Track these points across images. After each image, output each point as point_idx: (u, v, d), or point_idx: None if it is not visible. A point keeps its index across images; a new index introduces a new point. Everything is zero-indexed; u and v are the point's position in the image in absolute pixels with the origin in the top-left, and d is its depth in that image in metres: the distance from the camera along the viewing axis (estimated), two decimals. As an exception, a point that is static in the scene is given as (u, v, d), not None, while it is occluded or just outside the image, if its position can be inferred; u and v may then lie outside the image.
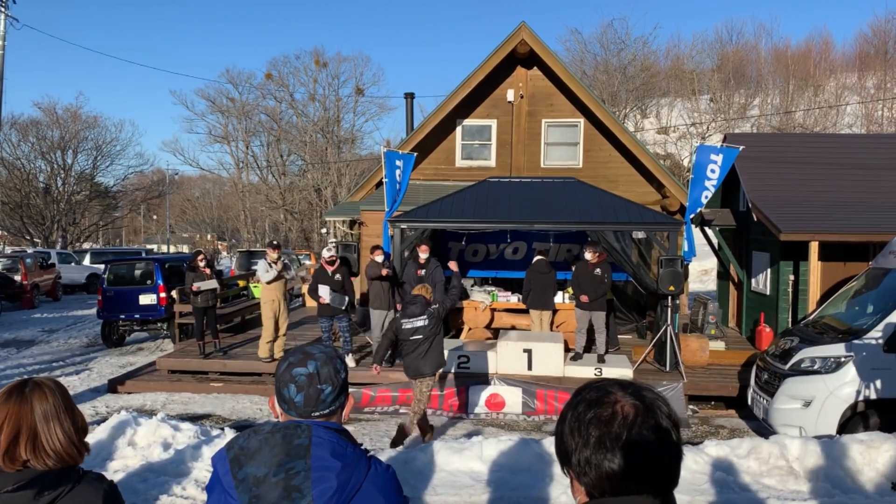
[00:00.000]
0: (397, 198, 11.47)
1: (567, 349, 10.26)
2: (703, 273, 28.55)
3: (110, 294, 13.99)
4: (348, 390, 1.80)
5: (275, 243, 10.85)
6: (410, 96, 20.72)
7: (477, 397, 9.15)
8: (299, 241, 47.71)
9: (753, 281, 12.81)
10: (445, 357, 7.63)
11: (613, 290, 11.46)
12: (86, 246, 45.63)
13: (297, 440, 1.60)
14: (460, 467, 5.85)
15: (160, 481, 5.63)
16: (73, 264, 26.64)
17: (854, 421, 6.97)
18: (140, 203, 55.51)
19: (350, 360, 10.13)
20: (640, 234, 10.34)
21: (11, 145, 42.34)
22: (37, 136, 43.40)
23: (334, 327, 10.19)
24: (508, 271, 13.49)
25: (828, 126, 46.58)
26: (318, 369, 1.70)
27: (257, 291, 14.53)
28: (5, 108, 55.28)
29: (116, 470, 5.89)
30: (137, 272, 14.34)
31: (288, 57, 72.79)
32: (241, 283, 16.75)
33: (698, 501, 5.34)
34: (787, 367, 7.40)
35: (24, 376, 3.53)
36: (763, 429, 7.84)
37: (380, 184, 13.91)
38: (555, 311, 11.23)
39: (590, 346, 10.38)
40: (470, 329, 12.05)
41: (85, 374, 11.61)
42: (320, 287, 9.83)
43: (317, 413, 1.70)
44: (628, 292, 13.30)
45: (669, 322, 9.88)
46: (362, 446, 1.70)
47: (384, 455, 6.03)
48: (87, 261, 27.86)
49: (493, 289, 12.45)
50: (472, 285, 13.07)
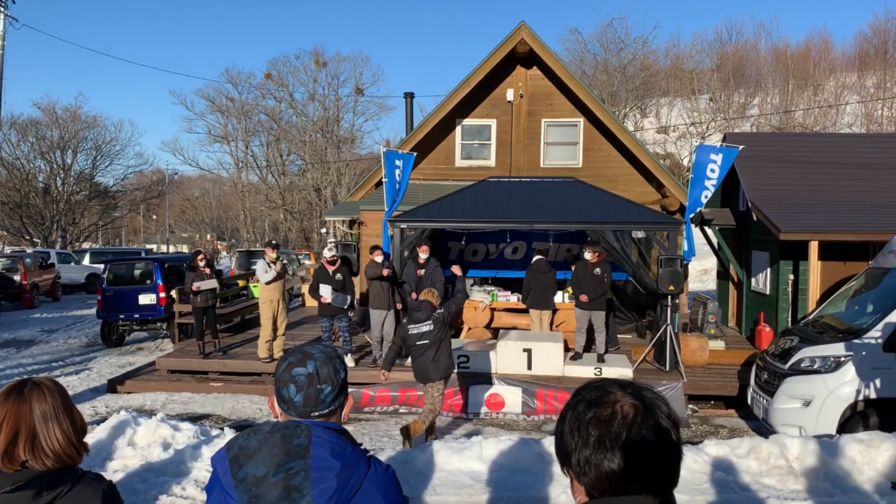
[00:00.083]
0: (397, 197, 11.47)
1: (567, 349, 10.26)
2: (702, 272, 28.56)
3: (110, 294, 14.00)
4: (348, 390, 1.80)
5: (273, 243, 10.80)
6: (410, 96, 20.70)
7: (477, 397, 9.15)
8: (299, 241, 47.67)
9: (753, 280, 12.81)
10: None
11: (613, 289, 11.46)
12: (85, 246, 45.62)
13: (296, 440, 1.60)
14: (460, 467, 5.85)
15: (160, 481, 5.62)
16: (72, 264, 26.62)
17: (854, 420, 6.97)
18: (139, 203, 55.54)
19: (349, 360, 10.13)
20: (640, 234, 10.33)
21: (11, 145, 42.39)
22: (36, 136, 43.40)
23: (334, 327, 10.19)
24: (508, 271, 13.48)
25: (827, 125, 46.60)
26: (317, 369, 1.70)
27: (257, 291, 14.49)
28: (5, 108, 55.32)
29: (116, 470, 5.88)
30: (137, 272, 14.34)
31: (287, 57, 73.08)
32: (241, 283, 16.74)
33: (698, 501, 5.34)
34: (786, 366, 7.40)
35: (24, 376, 3.52)
36: (763, 428, 7.84)
37: (379, 183, 13.90)
38: (554, 311, 11.23)
39: (589, 345, 10.38)
40: (470, 329, 12.06)
41: (84, 373, 11.60)
42: (322, 286, 9.82)
43: (316, 413, 1.70)
44: (628, 292, 13.30)
45: (669, 321, 9.88)
46: (362, 446, 1.70)
47: (384, 455, 6.03)
48: (86, 261, 27.83)
49: (493, 288, 12.46)
50: (472, 285, 13.08)
